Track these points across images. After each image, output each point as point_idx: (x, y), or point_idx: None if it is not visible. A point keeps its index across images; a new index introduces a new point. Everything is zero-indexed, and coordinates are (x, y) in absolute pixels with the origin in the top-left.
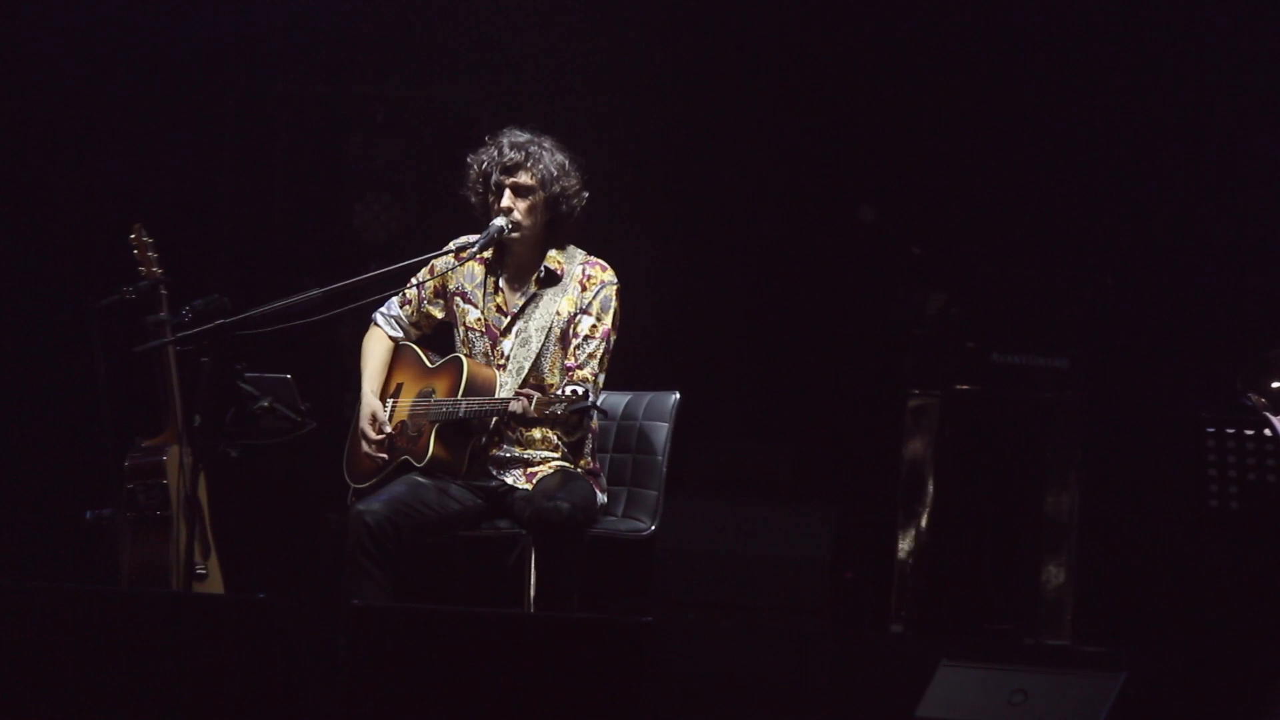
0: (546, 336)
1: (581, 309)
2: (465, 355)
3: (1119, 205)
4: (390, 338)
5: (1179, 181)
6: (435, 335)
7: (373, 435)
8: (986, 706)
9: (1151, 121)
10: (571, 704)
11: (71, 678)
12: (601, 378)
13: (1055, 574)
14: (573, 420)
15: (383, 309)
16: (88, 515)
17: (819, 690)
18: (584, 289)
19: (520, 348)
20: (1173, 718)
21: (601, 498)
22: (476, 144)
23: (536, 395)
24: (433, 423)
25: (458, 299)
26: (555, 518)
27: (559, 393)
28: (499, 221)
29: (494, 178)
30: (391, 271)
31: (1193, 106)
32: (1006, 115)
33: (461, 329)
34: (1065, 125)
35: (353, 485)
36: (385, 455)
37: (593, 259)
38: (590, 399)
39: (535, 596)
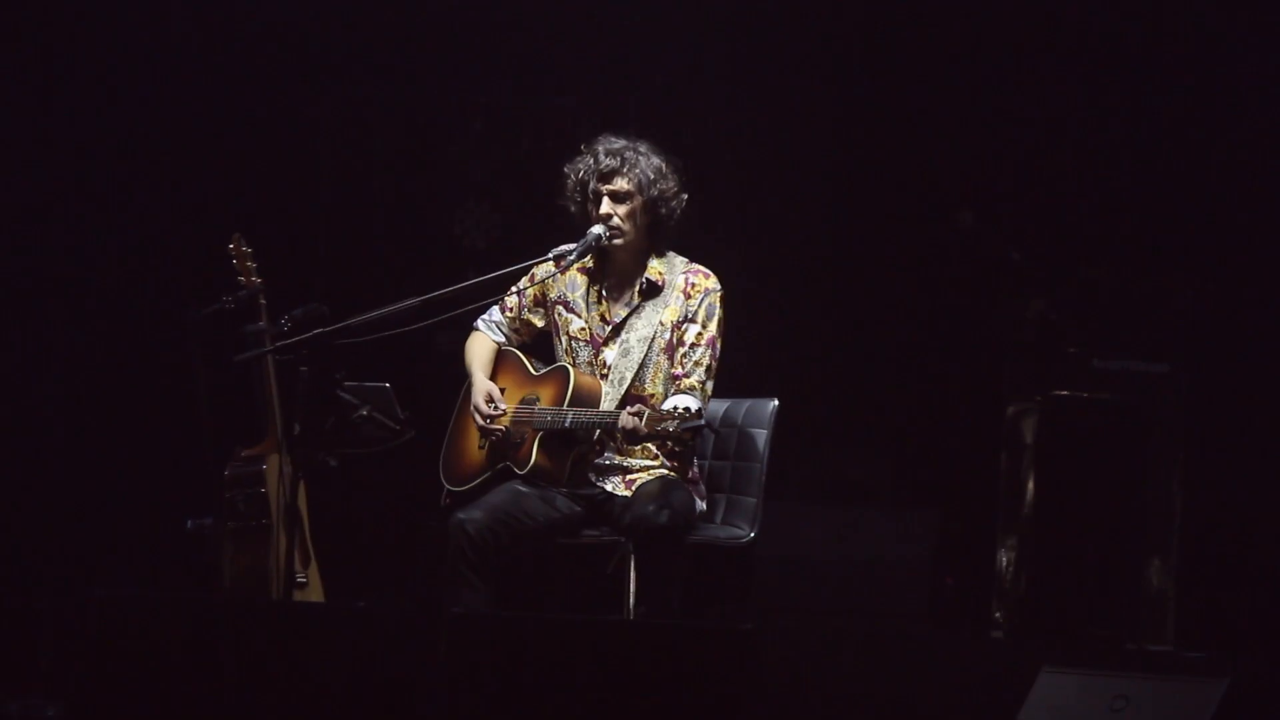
0: (649, 347)
1: (687, 317)
2: (570, 364)
3: (1220, 207)
4: (493, 341)
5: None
6: (535, 345)
7: (486, 410)
8: (1087, 713)
9: (1258, 124)
10: (672, 711)
11: (173, 686)
12: (710, 385)
13: (1157, 579)
14: (684, 438)
15: (484, 316)
16: (189, 524)
17: (919, 696)
18: (688, 297)
19: (622, 358)
20: None
21: (701, 505)
22: (573, 151)
23: (648, 412)
24: (536, 431)
25: (559, 308)
26: (655, 525)
27: (671, 408)
28: (597, 229)
29: (591, 185)
30: (490, 279)
31: None
32: (1108, 119)
33: (564, 338)
34: (1169, 127)
35: (449, 487)
36: (500, 431)
37: (695, 266)
38: (703, 418)
39: (635, 603)
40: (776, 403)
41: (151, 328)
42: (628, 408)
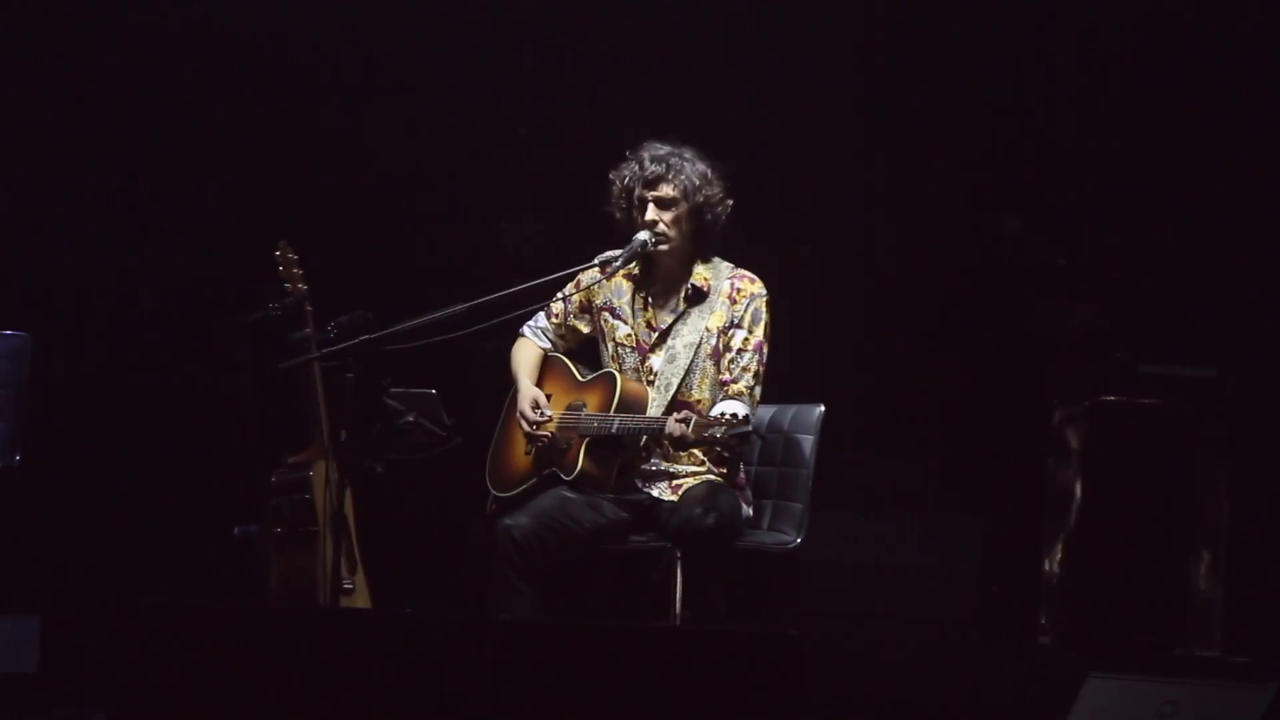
0: (695, 353)
1: (733, 323)
2: (617, 370)
3: (1264, 212)
4: (539, 348)
5: None
6: (580, 350)
7: (532, 416)
8: (1136, 718)
9: None
10: (718, 717)
11: (219, 694)
12: (758, 390)
13: (1205, 584)
14: (731, 443)
15: (530, 323)
16: (235, 531)
17: (966, 702)
18: (734, 303)
19: (668, 364)
20: None
21: (747, 511)
22: (618, 157)
23: (695, 418)
24: (583, 437)
25: (605, 314)
26: (701, 528)
27: (718, 414)
28: (642, 235)
29: (637, 192)
30: (535, 286)
31: None
32: (1153, 122)
33: (611, 344)
34: (1213, 131)
35: (496, 493)
36: (548, 437)
37: (740, 271)
38: (750, 424)
39: (681, 609)
40: (823, 408)
41: (198, 335)
42: (674, 414)
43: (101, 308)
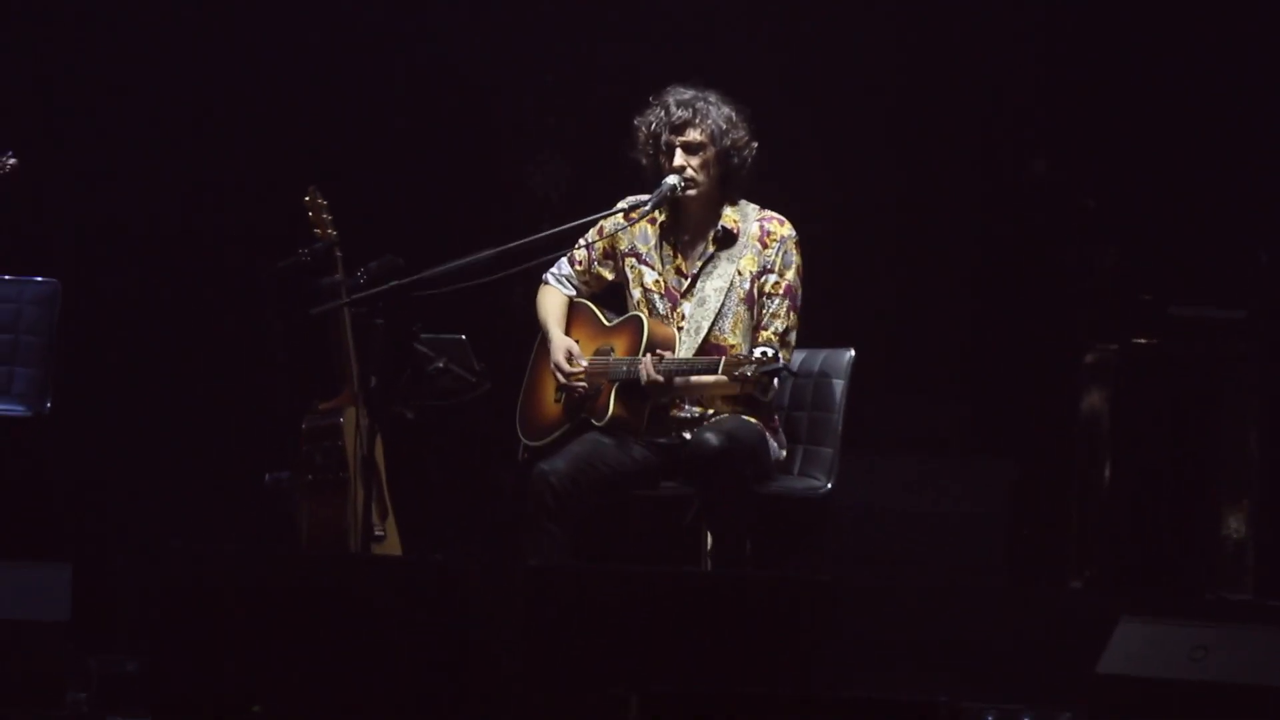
0: (726, 297)
1: (765, 268)
2: (645, 315)
3: None
4: (564, 295)
5: None
6: (605, 294)
7: (568, 368)
8: (1168, 662)
9: None
10: (750, 662)
11: (251, 640)
12: (792, 335)
13: (1236, 528)
14: (764, 382)
15: (553, 269)
16: (266, 479)
17: (998, 647)
18: (765, 246)
19: (698, 308)
20: None
21: (780, 453)
22: (643, 102)
23: (724, 358)
24: (612, 381)
25: (631, 260)
26: (709, 450)
27: (747, 353)
28: (671, 179)
29: (664, 137)
30: (562, 232)
31: None
32: (1179, 63)
33: (638, 290)
34: (1241, 68)
35: (527, 441)
36: (584, 386)
37: (768, 213)
38: (780, 361)
39: (710, 552)
40: (853, 353)
41: (228, 281)
42: (649, 354)
43: (132, 255)
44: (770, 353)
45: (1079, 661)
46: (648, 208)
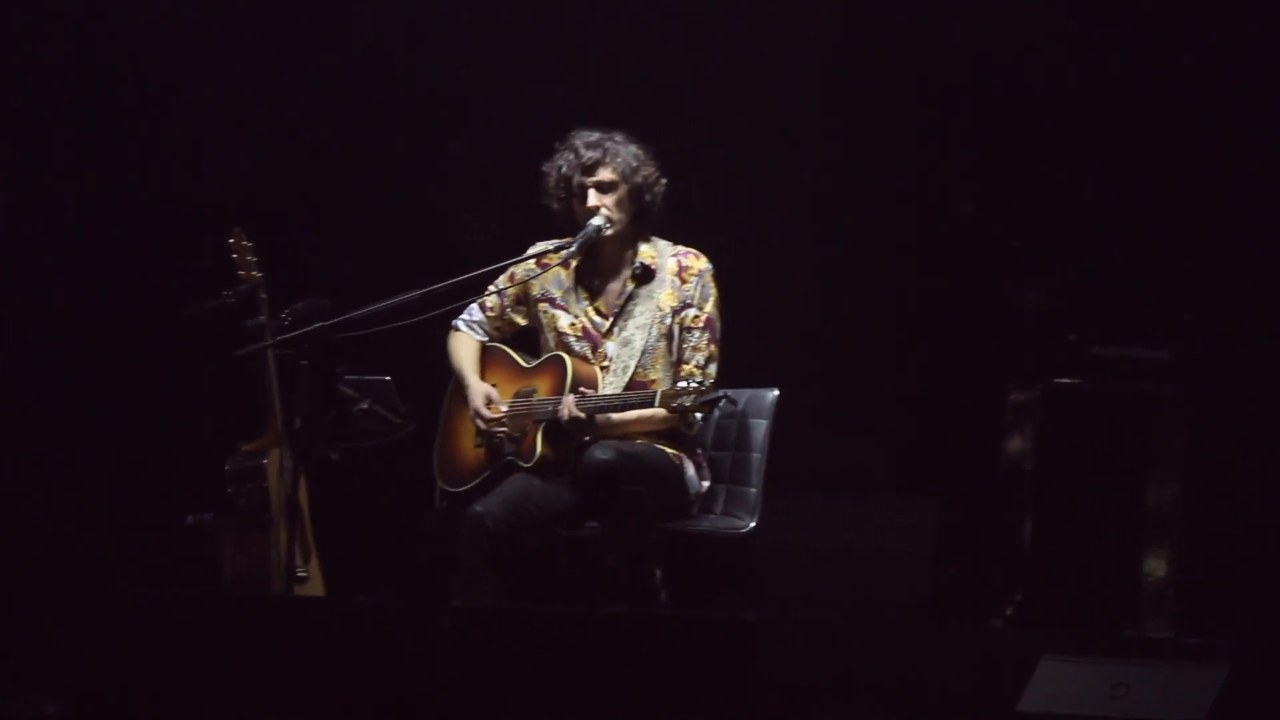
0: (650, 334)
1: (685, 302)
2: (566, 355)
3: (1221, 195)
4: (476, 341)
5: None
6: (514, 338)
7: (487, 414)
8: (1089, 699)
9: (1260, 104)
10: (674, 702)
11: (173, 682)
12: (714, 366)
13: (1158, 566)
14: (705, 411)
15: (464, 316)
16: (189, 520)
17: (920, 686)
18: (683, 281)
19: (623, 348)
20: (1277, 710)
21: (701, 485)
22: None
23: (660, 390)
24: (538, 422)
25: (544, 305)
26: (592, 467)
27: (684, 385)
28: (598, 220)
29: (575, 180)
30: (482, 274)
31: None
32: (1104, 105)
33: (552, 335)
34: (1168, 114)
35: (447, 488)
36: (505, 433)
37: (682, 248)
38: (720, 390)
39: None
40: (776, 393)
41: (152, 323)
42: (571, 394)
43: (55, 294)
44: (699, 384)
45: (1001, 700)
46: (573, 249)
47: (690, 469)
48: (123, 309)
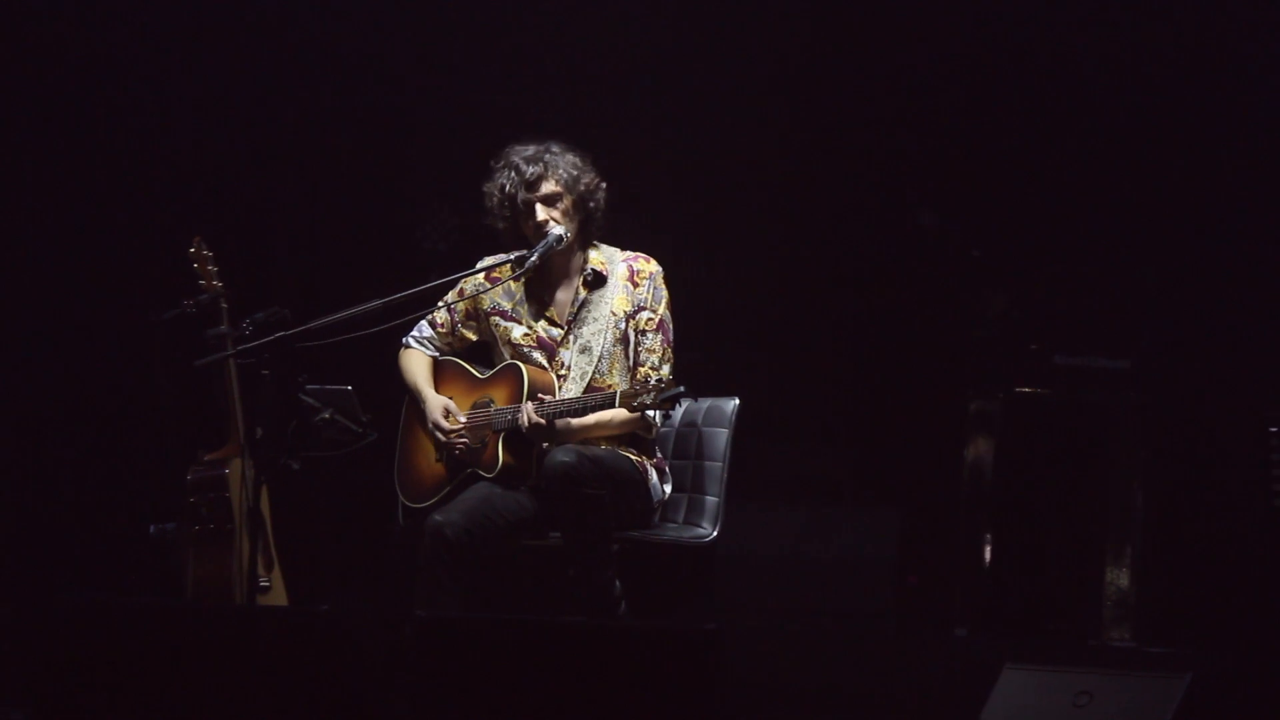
0: (604, 339)
1: (639, 305)
2: (521, 363)
3: (1180, 204)
4: (427, 356)
5: (1242, 179)
6: (465, 352)
7: (447, 426)
8: (1051, 709)
9: (1217, 118)
10: (636, 712)
11: (135, 692)
12: (668, 366)
13: (1120, 575)
14: (665, 407)
15: (414, 332)
16: (151, 529)
17: (883, 694)
18: (635, 285)
19: (580, 355)
20: (1239, 718)
21: (663, 491)
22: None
23: (620, 390)
24: (497, 432)
25: (496, 318)
26: (553, 469)
27: (647, 382)
28: (557, 230)
29: (520, 197)
30: (433, 287)
31: (1267, 103)
32: (1066, 115)
33: (508, 348)
34: (1126, 124)
35: (410, 504)
36: (465, 443)
37: (631, 253)
38: (680, 386)
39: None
40: (737, 402)
41: (113, 332)
42: (529, 402)
43: (15, 304)
44: (664, 379)
45: (963, 708)
46: (533, 259)
47: (654, 475)
48: (83, 318)
